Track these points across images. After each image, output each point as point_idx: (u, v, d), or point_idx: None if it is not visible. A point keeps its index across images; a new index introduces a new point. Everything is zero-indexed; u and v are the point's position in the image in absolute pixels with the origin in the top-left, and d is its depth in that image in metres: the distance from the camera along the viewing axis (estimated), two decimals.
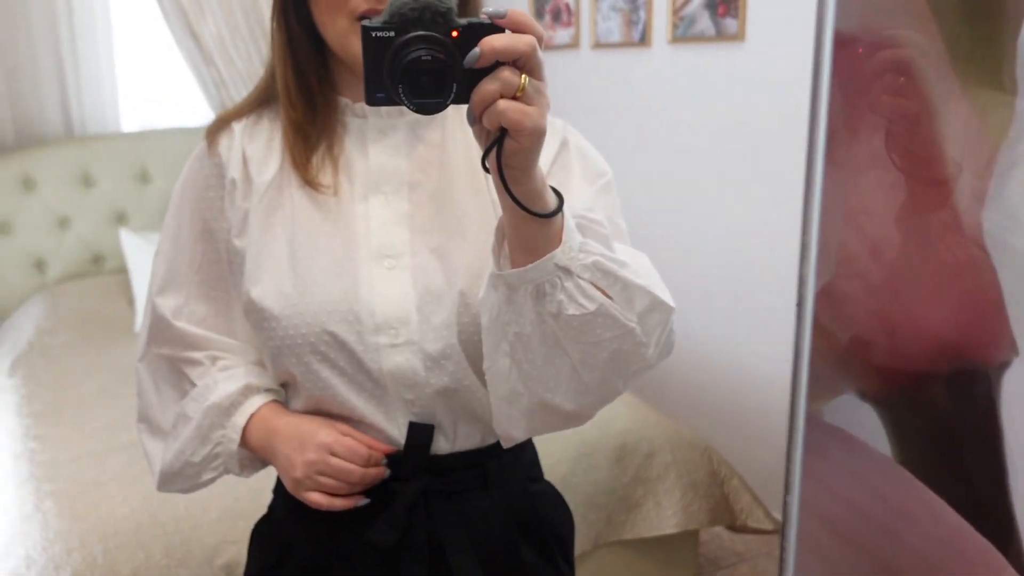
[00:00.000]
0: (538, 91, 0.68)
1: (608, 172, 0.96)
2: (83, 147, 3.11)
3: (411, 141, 0.94)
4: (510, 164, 0.69)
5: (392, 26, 0.66)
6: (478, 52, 0.65)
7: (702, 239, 2.74)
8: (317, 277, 0.89)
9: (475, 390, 0.91)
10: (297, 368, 0.90)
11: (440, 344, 0.88)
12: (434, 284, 0.89)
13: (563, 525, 1.07)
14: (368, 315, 0.88)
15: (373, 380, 0.90)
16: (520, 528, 0.99)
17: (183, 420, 0.96)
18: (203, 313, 0.98)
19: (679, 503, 2.09)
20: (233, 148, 0.96)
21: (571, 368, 0.80)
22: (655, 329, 0.80)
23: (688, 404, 2.83)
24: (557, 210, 0.74)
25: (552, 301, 0.75)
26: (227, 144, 0.96)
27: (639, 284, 0.78)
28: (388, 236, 0.90)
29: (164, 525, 1.65)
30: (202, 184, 0.97)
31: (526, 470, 1.03)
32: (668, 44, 2.71)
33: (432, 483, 0.94)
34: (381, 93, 0.68)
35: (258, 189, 0.93)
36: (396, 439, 0.92)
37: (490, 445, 0.96)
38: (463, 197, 0.92)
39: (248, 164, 0.94)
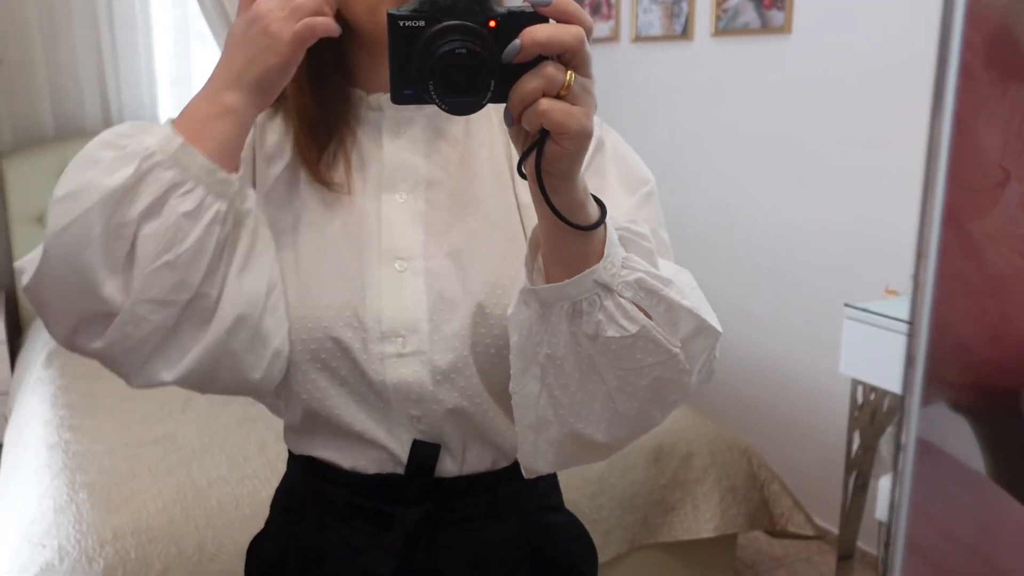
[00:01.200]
0: (585, 89, 0.61)
1: (651, 179, 0.87)
2: None
3: (430, 136, 0.86)
4: (550, 170, 0.63)
5: (422, 15, 0.60)
6: (519, 44, 0.59)
7: (746, 236, 2.68)
8: (321, 280, 0.81)
9: (487, 410, 0.83)
10: (295, 376, 0.82)
11: (451, 356, 0.80)
12: (448, 291, 0.81)
13: (583, 559, 0.96)
14: (374, 321, 0.80)
15: (376, 392, 0.82)
16: (534, 562, 0.90)
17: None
18: None
19: (717, 506, 2.05)
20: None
21: (606, 395, 0.72)
22: (699, 355, 0.72)
23: (729, 404, 2.77)
24: (599, 222, 0.67)
25: (590, 321, 0.68)
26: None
27: (685, 306, 0.70)
28: (401, 237, 0.82)
29: (197, 520, 1.64)
30: None
31: (543, 498, 0.93)
32: (711, 37, 2.65)
33: (436, 509, 0.85)
34: (409, 90, 0.61)
35: (267, 182, 0.85)
36: (399, 458, 0.84)
37: (502, 469, 0.87)
38: (485, 199, 0.84)
39: (258, 157, 0.87)
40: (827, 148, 2.36)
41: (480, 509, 0.87)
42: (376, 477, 0.85)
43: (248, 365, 0.78)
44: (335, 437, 0.85)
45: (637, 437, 0.77)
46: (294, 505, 0.91)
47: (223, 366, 0.77)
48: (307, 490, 0.89)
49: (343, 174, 0.85)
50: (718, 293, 2.81)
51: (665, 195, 0.93)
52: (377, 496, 0.85)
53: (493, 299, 0.81)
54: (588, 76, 0.61)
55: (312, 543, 0.88)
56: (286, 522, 0.91)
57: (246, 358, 0.77)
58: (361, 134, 0.87)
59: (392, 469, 0.85)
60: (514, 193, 0.86)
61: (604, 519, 1.94)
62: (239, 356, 0.77)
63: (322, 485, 0.87)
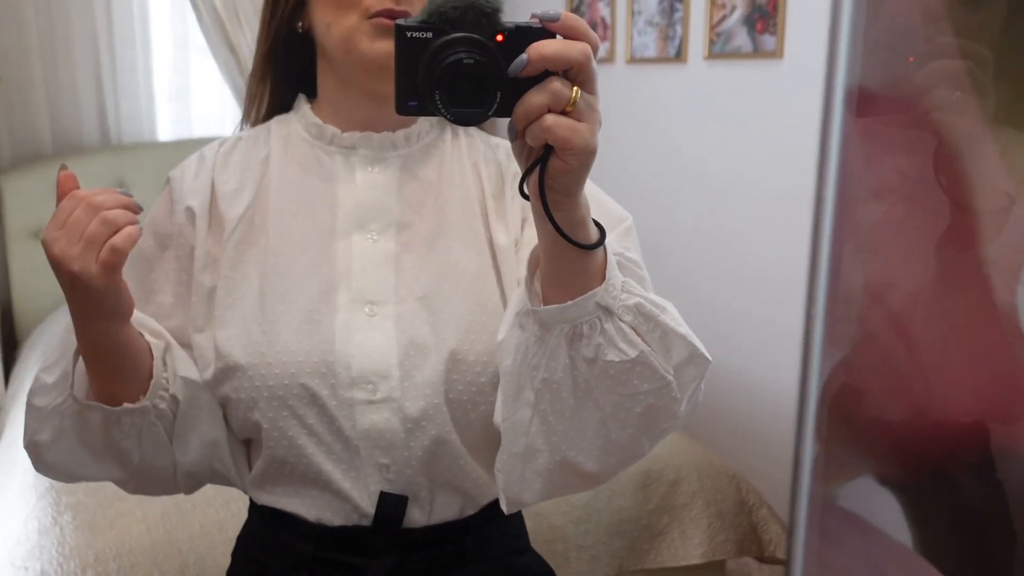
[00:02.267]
0: (590, 106, 0.60)
1: (628, 217, 0.87)
2: (119, 155, 3.14)
3: (404, 177, 0.86)
4: (554, 186, 0.62)
5: (430, 26, 0.59)
6: (525, 59, 0.58)
7: (739, 259, 2.68)
8: (289, 323, 0.80)
9: (458, 457, 0.82)
10: (263, 424, 0.81)
11: (422, 403, 0.79)
12: (420, 336, 0.80)
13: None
14: (343, 367, 0.79)
15: (344, 440, 0.81)
16: None
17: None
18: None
19: (705, 532, 2.04)
20: (200, 176, 0.88)
21: (600, 422, 0.71)
22: (690, 383, 0.72)
23: (717, 429, 2.77)
24: (600, 242, 0.67)
25: (589, 345, 0.67)
26: (195, 170, 0.89)
27: (680, 332, 0.70)
28: (371, 280, 0.82)
29: (179, 544, 1.64)
30: (161, 211, 0.90)
31: (510, 542, 0.92)
32: (704, 60, 2.66)
33: (403, 560, 0.84)
34: (413, 101, 0.61)
35: (229, 225, 0.85)
36: (365, 510, 0.83)
37: (469, 517, 0.86)
38: (457, 243, 0.84)
39: (218, 197, 0.86)
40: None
41: (447, 558, 0.86)
42: (342, 529, 0.84)
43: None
44: (300, 487, 0.84)
45: (626, 467, 0.76)
46: (257, 556, 0.90)
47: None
48: (271, 541, 0.88)
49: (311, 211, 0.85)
50: (708, 318, 2.81)
51: (657, 215, 0.93)
52: (343, 548, 0.84)
53: (466, 344, 0.80)
54: (593, 93, 0.61)
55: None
56: (250, 573, 0.91)
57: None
58: (334, 171, 0.86)
59: (358, 521, 0.83)
60: (487, 237, 0.85)
61: (591, 545, 1.93)
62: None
63: (286, 537, 0.86)
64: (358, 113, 0.87)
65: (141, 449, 0.81)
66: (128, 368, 0.78)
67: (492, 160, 0.89)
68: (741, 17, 2.49)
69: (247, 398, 0.81)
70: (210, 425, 0.84)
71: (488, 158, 0.89)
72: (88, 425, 0.79)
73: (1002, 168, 0.44)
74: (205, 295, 0.84)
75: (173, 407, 0.81)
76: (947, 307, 0.42)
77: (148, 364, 0.80)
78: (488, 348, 0.80)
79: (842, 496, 0.47)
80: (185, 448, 0.83)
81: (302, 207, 0.85)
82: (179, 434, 0.82)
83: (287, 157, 0.88)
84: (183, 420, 0.82)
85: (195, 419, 0.83)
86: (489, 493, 0.87)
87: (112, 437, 0.80)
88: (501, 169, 0.89)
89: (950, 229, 0.44)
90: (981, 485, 0.41)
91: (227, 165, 0.89)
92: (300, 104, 0.91)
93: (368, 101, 0.85)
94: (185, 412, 0.82)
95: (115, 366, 0.78)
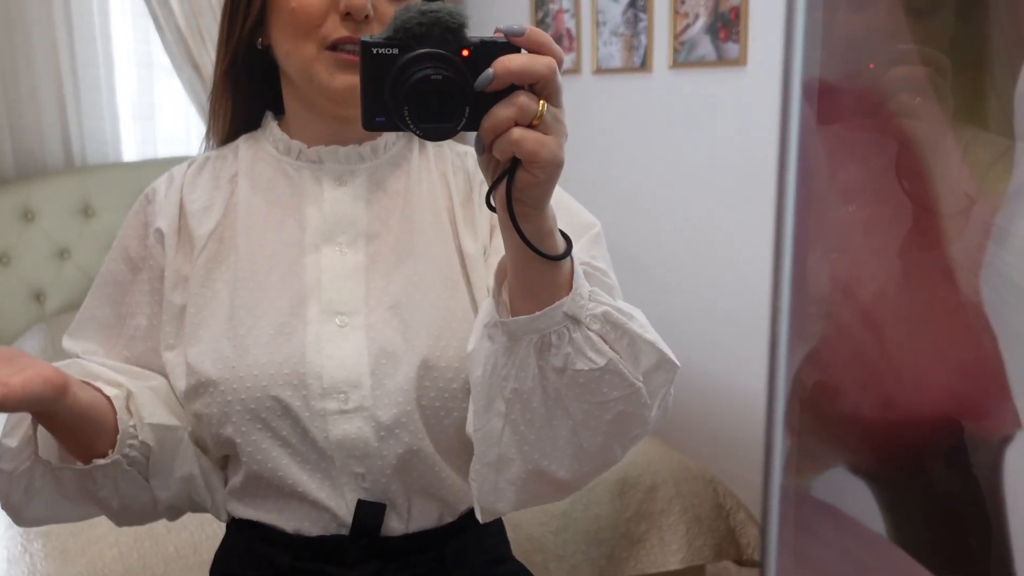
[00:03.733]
0: (556, 119, 0.61)
1: (597, 224, 0.88)
2: (83, 177, 3.11)
3: (371, 189, 0.86)
4: (521, 199, 0.63)
5: (396, 42, 0.59)
6: (492, 73, 0.59)
7: (708, 266, 2.71)
8: (259, 336, 0.81)
9: (433, 464, 0.82)
10: (236, 438, 0.81)
11: (395, 411, 0.80)
12: (391, 345, 0.81)
13: None
14: (315, 378, 0.79)
15: (318, 451, 0.81)
16: None
17: None
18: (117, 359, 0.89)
19: (684, 538, 2.05)
20: (169, 196, 0.89)
21: (571, 431, 0.72)
22: (659, 389, 0.72)
23: (692, 434, 2.78)
24: (567, 252, 0.67)
25: (558, 354, 0.68)
26: (164, 192, 0.89)
27: (648, 339, 0.71)
28: (341, 291, 0.82)
29: (153, 568, 1.62)
30: (131, 234, 0.90)
31: (491, 550, 0.92)
32: (669, 69, 2.69)
33: (383, 569, 0.83)
34: (381, 117, 0.61)
35: (199, 243, 0.85)
36: (342, 519, 0.83)
37: (448, 524, 0.86)
38: (426, 251, 0.84)
39: (187, 216, 0.87)
40: None
41: (427, 567, 0.86)
42: (320, 539, 0.83)
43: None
44: (277, 499, 0.84)
45: (598, 475, 0.77)
46: (235, 570, 0.90)
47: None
48: (248, 555, 0.87)
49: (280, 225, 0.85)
50: (680, 323, 2.82)
51: (625, 224, 0.93)
52: (321, 558, 0.84)
53: (437, 351, 0.80)
54: (559, 106, 0.62)
55: None
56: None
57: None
58: (302, 185, 0.86)
59: (336, 530, 0.83)
60: (456, 245, 0.86)
61: (570, 554, 1.93)
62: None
63: (264, 549, 0.86)
64: (324, 129, 0.87)
65: (119, 495, 0.82)
66: (91, 430, 0.78)
67: (460, 169, 0.90)
68: (704, 26, 2.52)
69: (219, 413, 0.80)
70: (183, 461, 0.85)
71: (456, 167, 0.90)
72: (62, 481, 0.80)
73: (963, 170, 0.44)
74: (176, 313, 0.85)
75: (145, 451, 0.82)
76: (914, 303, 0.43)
77: (112, 418, 0.80)
78: (459, 354, 0.81)
79: (816, 487, 0.48)
80: (162, 485, 0.84)
81: (271, 223, 0.85)
82: (154, 473, 0.83)
83: (255, 174, 0.88)
84: (156, 461, 0.82)
85: (169, 459, 0.83)
86: (466, 499, 0.87)
87: (88, 489, 0.80)
88: (469, 177, 0.89)
89: (913, 230, 0.45)
90: (953, 473, 0.41)
91: (196, 184, 0.89)
92: (267, 121, 0.91)
93: (333, 119, 0.86)
94: (157, 454, 0.82)
95: (76, 430, 0.78)
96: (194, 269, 0.84)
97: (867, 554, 0.45)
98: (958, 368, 0.40)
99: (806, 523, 0.46)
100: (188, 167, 0.91)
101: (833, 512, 0.47)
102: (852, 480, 0.47)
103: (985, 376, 0.38)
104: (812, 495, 0.48)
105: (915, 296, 0.43)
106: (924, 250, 0.43)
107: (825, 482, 0.47)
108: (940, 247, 0.42)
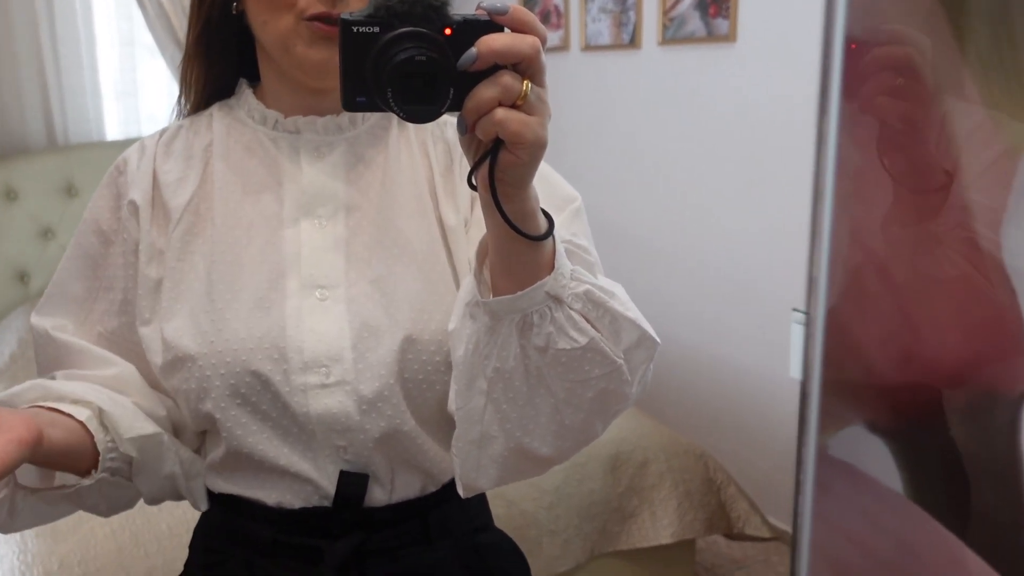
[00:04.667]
0: (540, 99, 0.60)
1: (577, 197, 0.87)
2: (66, 156, 3.07)
3: (350, 161, 0.85)
4: (504, 179, 0.62)
5: (377, 20, 0.58)
6: (475, 53, 0.58)
7: (696, 242, 2.71)
8: (238, 310, 0.79)
9: (416, 436, 0.82)
10: (216, 413, 0.80)
11: (377, 384, 0.79)
12: (372, 318, 0.80)
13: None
14: (296, 352, 0.78)
15: (299, 425, 0.80)
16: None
17: None
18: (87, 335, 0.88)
19: (675, 512, 2.06)
20: (141, 167, 0.86)
21: (553, 408, 0.72)
22: (640, 366, 0.73)
23: (683, 410, 2.79)
24: (548, 232, 0.67)
25: (540, 333, 0.68)
26: (136, 162, 0.87)
27: (629, 317, 0.71)
28: (321, 264, 0.81)
29: (146, 546, 1.61)
30: (103, 206, 0.88)
31: (473, 519, 0.92)
32: (658, 46, 2.68)
33: (366, 540, 0.83)
34: (362, 97, 0.59)
35: (174, 215, 0.83)
36: (325, 491, 0.82)
37: (431, 494, 0.86)
38: (407, 224, 0.83)
39: (160, 187, 0.85)
40: (773, 154, 2.40)
41: (411, 536, 0.86)
42: (302, 511, 0.83)
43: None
44: (259, 474, 0.83)
45: (579, 450, 0.77)
46: (216, 544, 0.89)
47: None
48: (230, 529, 0.87)
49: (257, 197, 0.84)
50: (669, 299, 2.83)
51: (615, 201, 0.93)
52: (304, 531, 0.83)
53: (420, 324, 0.80)
54: (543, 86, 0.61)
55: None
56: (209, 562, 0.89)
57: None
58: (279, 156, 0.85)
59: (319, 502, 0.83)
60: (437, 217, 0.85)
61: (562, 529, 1.94)
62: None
63: (246, 523, 0.85)
64: (301, 100, 0.86)
65: (106, 499, 0.82)
66: (69, 460, 0.77)
67: (440, 139, 0.89)
68: (694, 2, 2.51)
69: (198, 388, 0.79)
70: (165, 462, 0.84)
71: (436, 137, 0.89)
72: (46, 499, 0.79)
73: (942, 147, 0.44)
74: (152, 288, 0.83)
75: (127, 460, 0.81)
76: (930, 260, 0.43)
77: (88, 441, 0.78)
78: (441, 328, 0.80)
79: (833, 446, 0.48)
80: (146, 483, 0.84)
81: (248, 195, 0.84)
82: (138, 475, 0.83)
83: (231, 144, 0.86)
84: (139, 466, 0.82)
85: (151, 462, 0.83)
86: (449, 470, 0.86)
87: (73, 500, 0.80)
88: (449, 148, 0.88)
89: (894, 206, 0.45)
90: (971, 430, 0.41)
91: (169, 154, 0.87)
92: (242, 89, 0.89)
93: (310, 91, 0.84)
94: (140, 461, 0.82)
95: (55, 464, 0.77)
96: (170, 242, 0.83)
97: (883, 511, 0.45)
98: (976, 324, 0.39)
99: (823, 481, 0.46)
100: (160, 136, 0.89)
101: (850, 470, 0.47)
102: (869, 438, 0.47)
103: (1003, 331, 0.38)
104: (829, 454, 0.48)
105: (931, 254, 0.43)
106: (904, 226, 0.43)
107: (842, 440, 0.47)
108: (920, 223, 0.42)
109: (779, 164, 2.39)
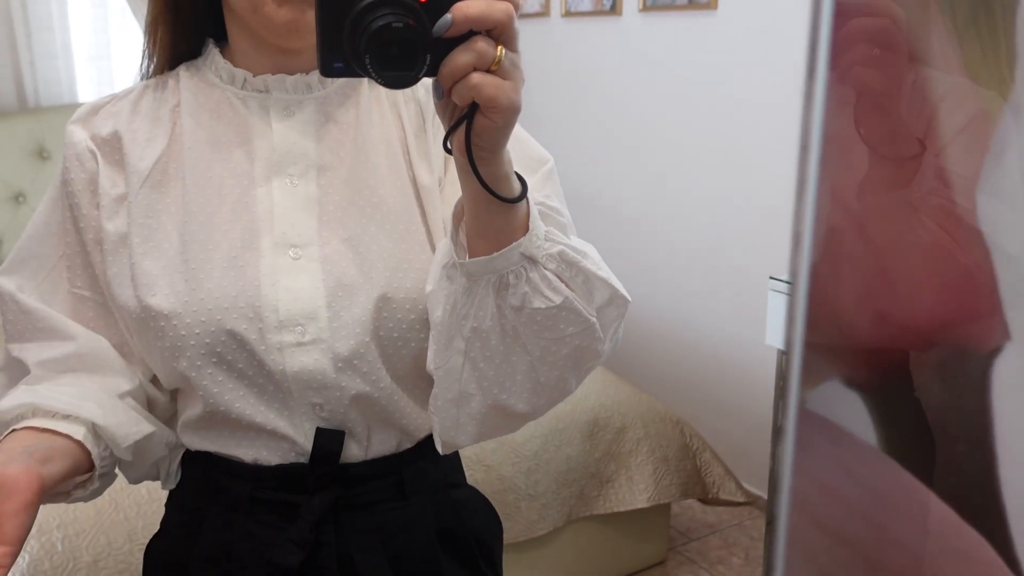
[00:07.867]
0: (514, 64, 0.62)
1: (550, 159, 0.88)
2: (38, 118, 3.02)
3: (321, 120, 0.85)
4: (479, 143, 0.64)
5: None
6: (450, 19, 0.59)
7: (674, 210, 2.72)
8: (212, 270, 0.80)
9: (392, 394, 0.83)
10: (191, 372, 0.80)
11: (352, 343, 0.80)
12: (347, 277, 0.80)
13: (488, 532, 0.98)
14: (271, 311, 0.79)
15: (275, 383, 0.81)
16: (441, 539, 0.91)
17: None
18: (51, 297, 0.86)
19: (651, 477, 2.09)
20: (104, 127, 0.85)
21: (529, 366, 0.74)
22: (612, 323, 0.76)
23: (660, 376, 2.82)
24: (523, 195, 0.69)
25: (516, 293, 0.70)
26: (101, 123, 0.86)
27: (601, 276, 0.73)
28: (294, 223, 0.81)
29: (126, 510, 1.61)
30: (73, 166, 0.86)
31: (447, 476, 0.94)
32: (639, 12, 2.67)
33: (343, 495, 0.85)
34: (339, 63, 0.60)
35: (142, 173, 0.82)
36: (302, 447, 0.83)
37: (406, 450, 0.87)
38: (379, 183, 0.84)
39: (124, 146, 0.84)
40: (754, 122, 2.40)
41: (386, 492, 0.87)
42: (279, 468, 0.84)
43: None
44: (235, 432, 0.84)
45: (554, 406, 0.80)
46: (193, 503, 0.89)
47: None
48: (207, 486, 0.87)
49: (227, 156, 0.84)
50: (648, 267, 2.85)
51: (594, 169, 0.93)
52: (281, 487, 0.84)
53: (395, 283, 0.81)
54: (516, 51, 0.63)
55: (215, 540, 0.86)
56: (185, 520, 0.89)
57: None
58: (248, 116, 0.85)
59: (295, 459, 0.84)
60: (411, 177, 0.85)
61: (541, 494, 1.97)
62: None
63: (223, 480, 0.85)
64: (269, 59, 0.85)
65: (92, 496, 0.83)
66: (65, 484, 0.77)
67: (411, 99, 0.89)
68: None
69: (172, 347, 0.79)
70: (155, 453, 0.86)
71: (407, 96, 0.89)
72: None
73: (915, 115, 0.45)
74: (117, 242, 0.82)
75: (119, 461, 0.84)
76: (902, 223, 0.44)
77: (84, 457, 0.78)
78: (416, 286, 0.81)
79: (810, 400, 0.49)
80: (133, 472, 0.87)
81: (218, 154, 0.84)
82: (127, 468, 0.85)
83: (198, 104, 0.85)
84: (130, 464, 0.85)
85: (142, 457, 0.85)
86: (424, 427, 0.88)
87: (59, 501, 0.82)
88: (421, 107, 0.88)
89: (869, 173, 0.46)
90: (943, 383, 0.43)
91: (136, 114, 0.86)
92: (209, 49, 0.88)
93: (279, 50, 0.84)
94: (132, 459, 0.84)
95: (52, 494, 0.77)
96: (136, 198, 0.82)
97: (859, 464, 0.47)
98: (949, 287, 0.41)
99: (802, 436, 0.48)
100: (123, 98, 0.87)
101: (827, 424, 0.48)
102: (846, 392, 0.48)
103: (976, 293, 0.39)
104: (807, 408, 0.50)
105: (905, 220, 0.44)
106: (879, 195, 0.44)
107: (820, 395, 0.49)
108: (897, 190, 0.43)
109: (758, 133, 2.40)
